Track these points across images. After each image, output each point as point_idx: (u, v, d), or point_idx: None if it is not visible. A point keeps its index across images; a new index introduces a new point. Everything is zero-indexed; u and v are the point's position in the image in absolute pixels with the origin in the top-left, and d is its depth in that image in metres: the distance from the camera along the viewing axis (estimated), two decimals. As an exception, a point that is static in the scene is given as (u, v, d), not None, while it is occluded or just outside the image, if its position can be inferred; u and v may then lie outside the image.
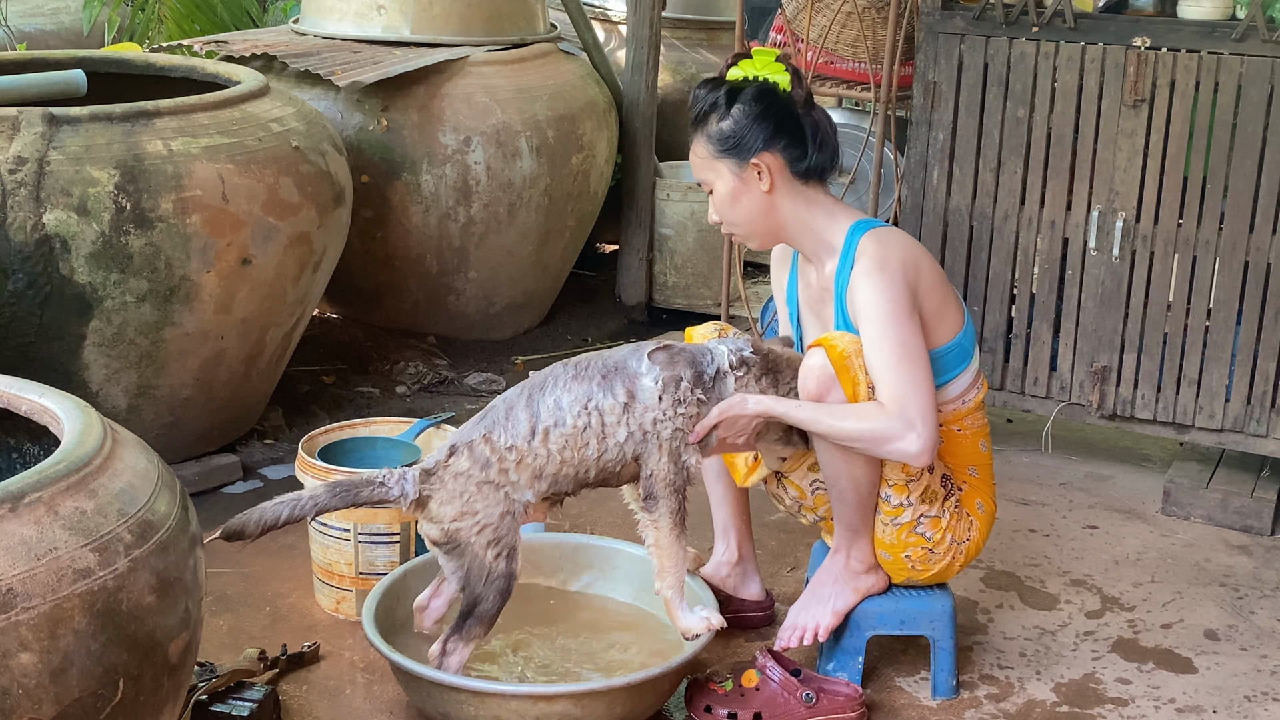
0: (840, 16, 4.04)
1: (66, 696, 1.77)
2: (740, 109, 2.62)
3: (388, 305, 4.61)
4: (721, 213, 2.71)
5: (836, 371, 2.53)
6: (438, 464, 2.54)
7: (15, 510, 1.80)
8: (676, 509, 2.59)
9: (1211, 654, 3.00)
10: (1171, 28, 3.48)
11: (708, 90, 2.67)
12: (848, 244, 2.64)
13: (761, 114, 2.61)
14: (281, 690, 2.69)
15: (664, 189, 5.01)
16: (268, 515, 2.47)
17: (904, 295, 2.56)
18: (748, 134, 2.62)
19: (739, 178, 2.64)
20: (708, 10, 5.66)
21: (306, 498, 2.50)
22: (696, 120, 2.67)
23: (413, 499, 2.52)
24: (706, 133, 2.65)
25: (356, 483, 2.55)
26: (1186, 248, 3.53)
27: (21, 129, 3.19)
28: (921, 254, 2.66)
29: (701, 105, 2.66)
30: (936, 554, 2.70)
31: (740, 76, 2.66)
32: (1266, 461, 3.69)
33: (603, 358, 2.61)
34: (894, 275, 2.56)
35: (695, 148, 2.69)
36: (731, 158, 2.63)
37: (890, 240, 2.63)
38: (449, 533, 2.53)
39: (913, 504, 2.65)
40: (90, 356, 3.28)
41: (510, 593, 2.56)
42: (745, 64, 2.67)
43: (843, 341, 2.56)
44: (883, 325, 2.54)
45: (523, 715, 2.46)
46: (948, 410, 2.68)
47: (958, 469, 2.73)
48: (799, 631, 2.73)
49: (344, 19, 4.50)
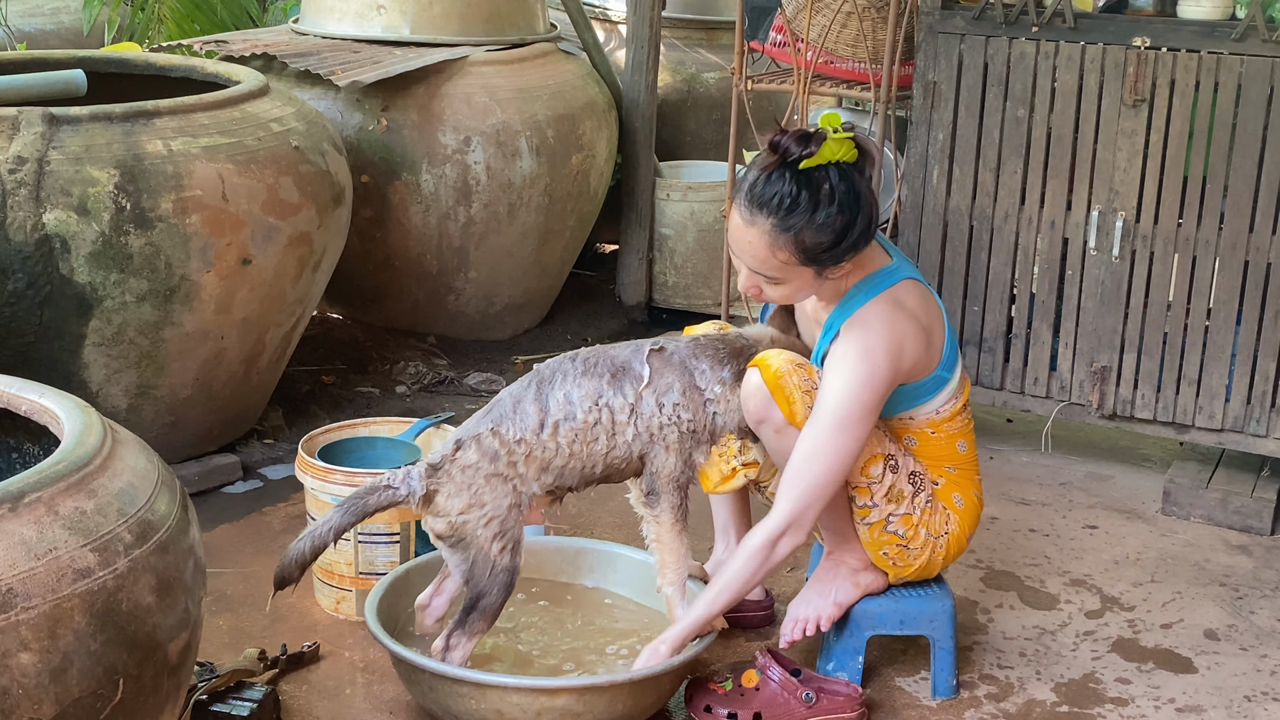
0: (840, 16, 4.03)
1: (66, 696, 1.77)
2: (829, 217, 2.45)
3: (388, 305, 4.61)
4: (776, 298, 2.60)
5: (771, 392, 2.53)
6: (444, 458, 2.55)
7: (15, 510, 1.80)
8: (678, 504, 2.62)
9: (1211, 654, 3.00)
10: (1171, 28, 3.48)
11: (785, 182, 2.46)
12: (845, 304, 2.60)
13: (849, 226, 2.47)
14: (281, 690, 2.69)
15: (664, 189, 5.01)
16: (302, 556, 2.53)
17: (873, 393, 2.51)
18: (837, 248, 2.48)
19: (819, 277, 2.55)
20: (708, 10, 5.65)
21: (322, 526, 2.54)
22: (765, 208, 2.47)
23: (420, 495, 2.53)
24: (783, 229, 2.46)
25: (363, 493, 2.56)
26: (1186, 247, 3.53)
27: (21, 129, 3.19)
28: (914, 322, 2.58)
29: (779, 198, 2.46)
30: (913, 549, 2.70)
31: (816, 164, 2.46)
32: (1266, 461, 3.69)
33: (610, 355, 2.62)
34: (876, 371, 2.51)
35: (758, 235, 2.48)
36: (815, 266, 2.51)
37: (886, 320, 2.55)
38: (455, 526, 2.54)
39: (878, 504, 2.66)
40: (90, 356, 3.28)
41: (513, 587, 2.58)
42: (825, 150, 2.45)
43: (777, 361, 2.55)
44: (829, 427, 2.50)
45: (524, 709, 2.46)
46: (921, 420, 2.69)
47: (932, 467, 2.73)
48: (801, 624, 2.73)
49: (344, 19, 4.50)
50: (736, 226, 2.53)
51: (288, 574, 2.54)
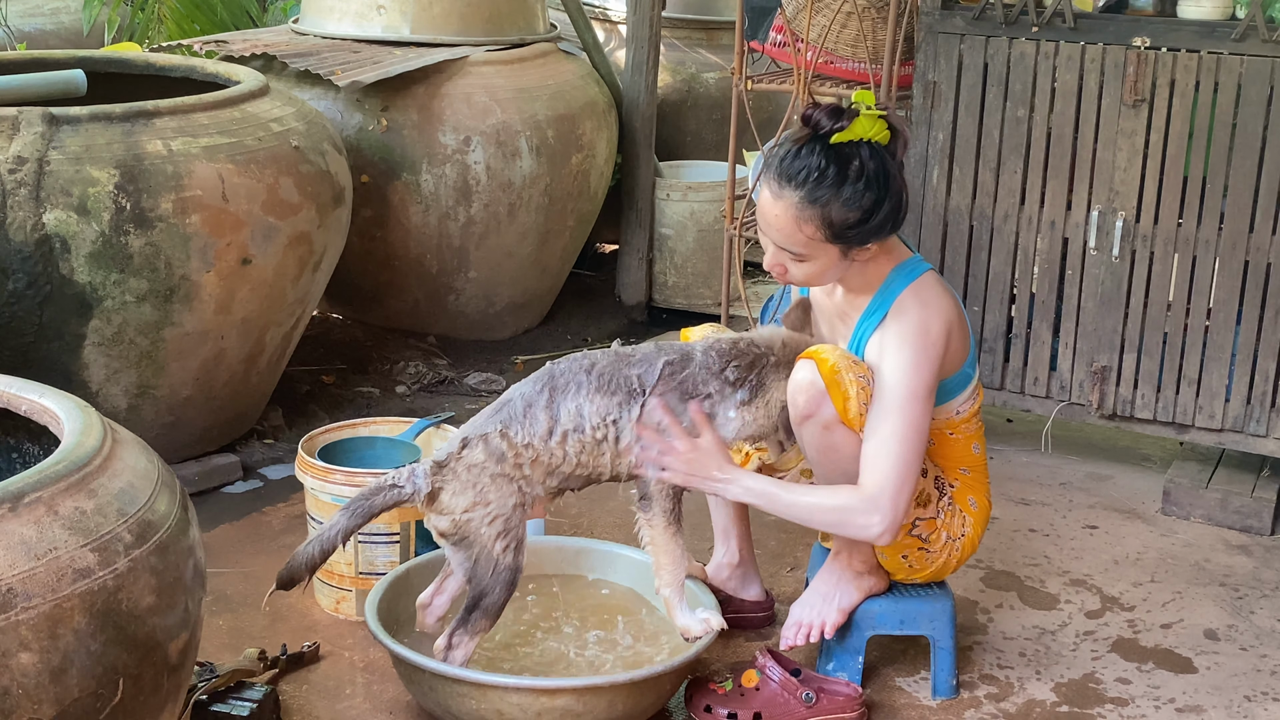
0: (840, 16, 4.03)
1: (66, 696, 1.77)
2: (856, 194, 2.44)
3: (388, 305, 4.61)
4: (800, 277, 2.57)
5: (826, 386, 2.50)
6: (449, 456, 2.55)
7: (15, 510, 1.80)
8: (670, 509, 2.61)
9: (1211, 654, 3.00)
10: (1171, 28, 3.48)
11: (815, 155, 2.45)
12: (886, 289, 2.58)
13: (877, 205, 2.47)
14: (281, 690, 2.69)
15: (664, 189, 5.01)
16: (311, 560, 2.52)
17: (931, 372, 2.52)
18: (864, 227, 2.47)
19: (845, 257, 2.53)
20: (708, 10, 5.65)
21: (329, 530, 2.53)
22: (794, 181, 2.46)
23: (426, 492, 2.53)
24: (810, 202, 2.45)
25: (368, 493, 2.56)
26: (1186, 247, 3.53)
27: (21, 129, 3.19)
28: (954, 308, 2.59)
29: (807, 171, 2.45)
30: (932, 552, 2.70)
31: (848, 139, 2.44)
32: (1266, 461, 3.69)
33: (625, 374, 2.57)
34: (931, 348, 2.52)
35: (785, 208, 2.47)
36: (841, 244, 2.50)
37: (934, 303, 2.55)
38: (459, 524, 2.54)
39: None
40: (90, 356, 3.28)
41: (515, 585, 2.58)
42: (857, 126, 2.44)
43: (833, 355, 2.52)
44: (900, 401, 2.49)
45: (524, 709, 2.46)
46: (941, 419, 2.68)
47: (949, 469, 2.73)
48: (804, 629, 2.73)
49: (344, 19, 4.50)
50: (764, 200, 2.51)
51: (296, 576, 2.52)
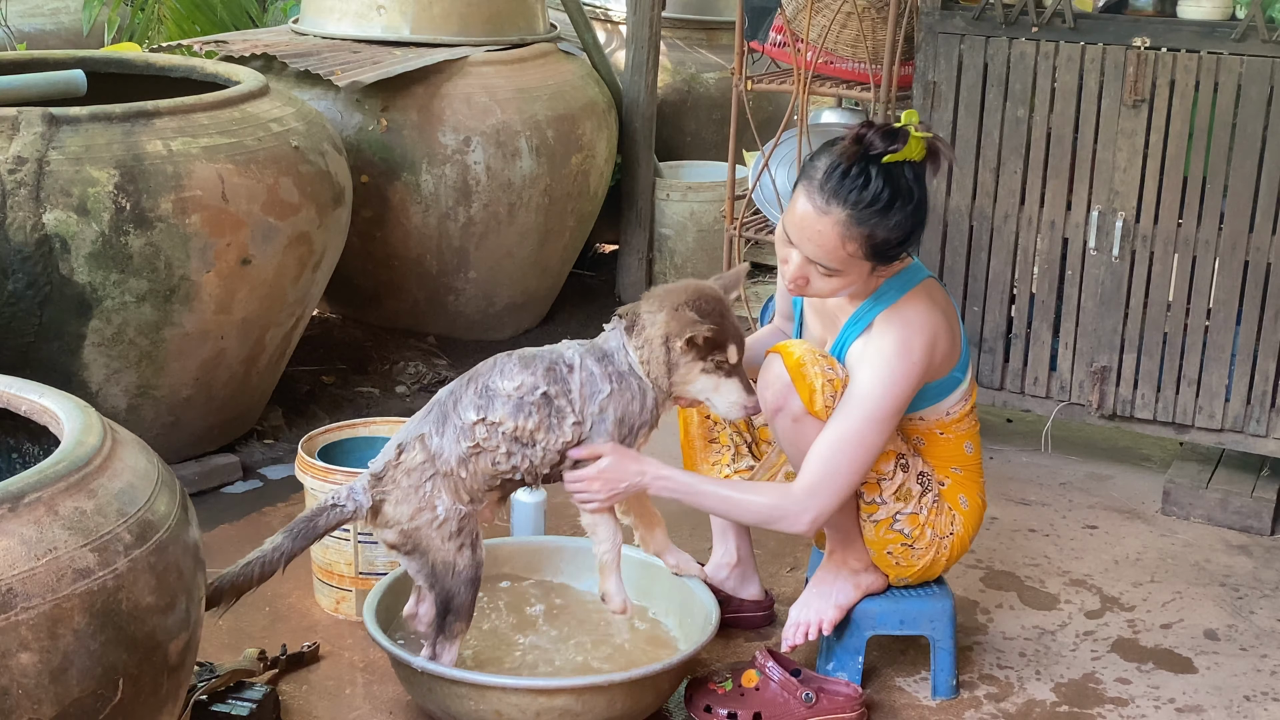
0: (840, 16, 4.03)
1: (66, 696, 1.77)
2: (905, 217, 2.45)
3: (388, 305, 4.61)
4: (825, 290, 2.55)
5: (792, 378, 2.52)
6: (387, 465, 2.52)
7: (15, 510, 1.80)
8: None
9: (1211, 654, 3.00)
10: (1171, 28, 3.48)
11: (868, 176, 2.44)
12: (877, 298, 2.58)
13: (917, 226, 2.49)
14: (281, 690, 2.69)
15: (664, 189, 5.01)
16: (240, 578, 2.45)
17: (905, 391, 2.52)
18: (902, 246, 2.49)
19: (872, 273, 2.54)
20: (708, 10, 5.66)
21: (270, 550, 2.48)
22: (845, 201, 2.44)
23: (368, 507, 2.50)
24: (858, 222, 2.44)
25: (311, 515, 2.53)
26: (1186, 248, 3.53)
27: (21, 129, 3.19)
28: (942, 320, 2.59)
29: (858, 191, 2.43)
30: (918, 549, 2.70)
31: (897, 159, 2.44)
32: (1266, 461, 3.69)
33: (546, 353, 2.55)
34: (911, 369, 2.52)
35: (830, 225, 2.45)
36: (876, 260, 2.50)
37: (917, 320, 2.55)
38: (408, 533, 2.51)
39: (886, 501, 2.65)
40: (90, 356, 3.28)
41: (479, 580, 2.55)
42: (908, 148, 2.43)
43: (799, 349, 2.55)
44: (861, 417, 2.51)
45: (523, 709, 2.46)
46: (931, 420, 2.68)
47: (939, 468, 2.73)
48: (803, 627, 2.73)
49: (344, 19, 4.50)
50: (806, 215, 2.47)
51: (221, 597, 2.43)
